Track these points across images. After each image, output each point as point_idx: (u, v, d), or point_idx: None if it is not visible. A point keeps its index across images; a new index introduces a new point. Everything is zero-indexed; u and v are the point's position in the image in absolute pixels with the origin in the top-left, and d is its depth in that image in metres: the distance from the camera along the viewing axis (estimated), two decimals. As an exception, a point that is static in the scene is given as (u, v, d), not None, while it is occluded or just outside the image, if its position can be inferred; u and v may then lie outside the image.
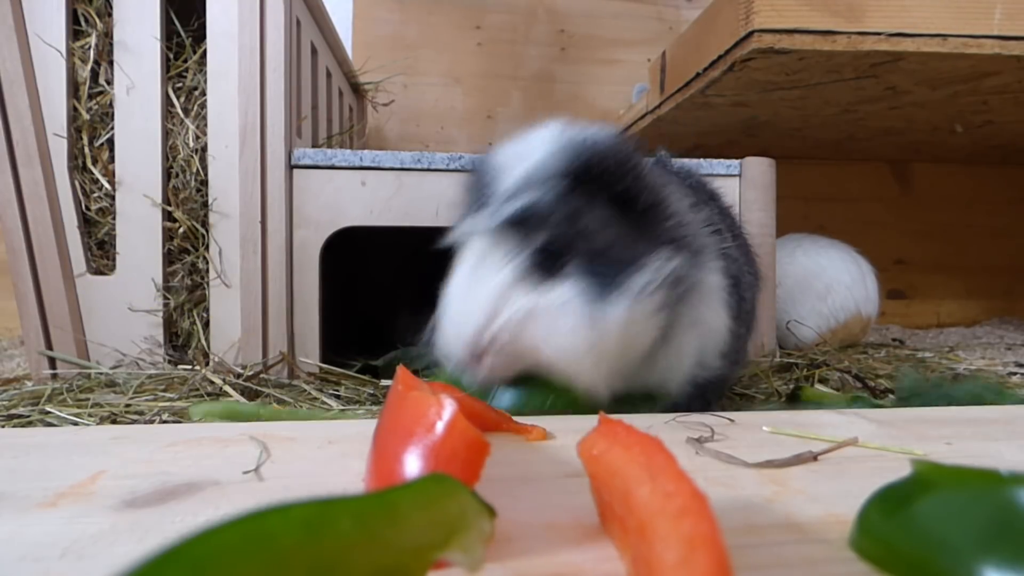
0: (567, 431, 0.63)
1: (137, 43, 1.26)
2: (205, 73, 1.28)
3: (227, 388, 1.07)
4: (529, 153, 0.77)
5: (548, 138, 0.78)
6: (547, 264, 0.73)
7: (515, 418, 0.65)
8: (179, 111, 1.29)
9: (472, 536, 0.32)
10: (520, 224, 0.73)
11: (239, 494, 0.47)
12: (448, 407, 0.41)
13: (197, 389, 1.09)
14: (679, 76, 1.74)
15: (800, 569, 0.35)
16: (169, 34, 1.30)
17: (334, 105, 1.81)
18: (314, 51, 1.54)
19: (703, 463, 0.54)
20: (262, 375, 1.19)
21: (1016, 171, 2.76)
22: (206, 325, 1.28)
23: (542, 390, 0.75)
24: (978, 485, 0.34)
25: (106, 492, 0.47)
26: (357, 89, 2.18)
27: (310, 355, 1.28)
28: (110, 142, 1.28)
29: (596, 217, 0.75)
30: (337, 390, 1.15)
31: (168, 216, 1.28)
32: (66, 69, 1.25)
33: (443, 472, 0.34)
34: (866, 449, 0.58)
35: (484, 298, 0.72)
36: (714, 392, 0.87)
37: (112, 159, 1.27)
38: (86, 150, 1.27)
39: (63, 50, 1.25)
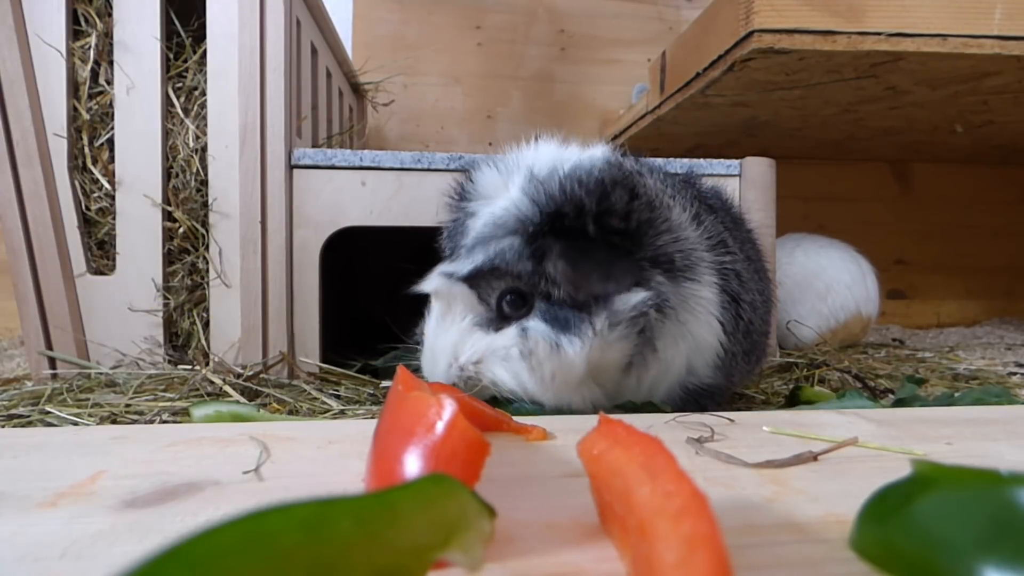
0: (567, 431, 0.63)
1: (137, 43, 1.26)
2: (205, 73, 1.28)
3: (227, 388, 1.07)
4: (511, 187, 0.82)
5: (529, 176, 0.80)
6: (512, 307, 0.79)
7: (515, 418, 0.65)
8: (179, 111, 1.29)
9: (472, 536, 0.32)
10: (475, 277, 0.79)
11: (239, 494, 0.47)
12: (448, 407, 0.41)
13: (197, 389, 1.09)
14: (679, 76, 1.74)
15: (800, 569, 0.35)
16: (169, 34, 1.30)
17: (334, 105, 1.81)
18: (314, 51, 1.54)
19: (703, 463, 0.54)
20: (262, 375, 1.19)
21: (1016, 171, 2.76)
22: (206, 325, 1.28)
23: None
24: (978, 485, 0.34)
25: (106, 492, 0.47)
26: (357, 89, 2.18)
27: (310, 355, 1.28)
28: (110, 142, 1.28)
29: (564, 260, 0.77)
30: (337, 390, 1.15)
31: (168, 216, 1.28)
32: (66, 69, 1.25)
33: (443, 472, 0.34)
34: (866, 449, 0.58)
35: (446, 345, 0.82)
36: (709, 399, 0.87)
37: (112, 159, 1.27)
38: (86, 150, 1.27)
39: (63, 50, 1.25)
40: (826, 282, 1.91)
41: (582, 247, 0.77)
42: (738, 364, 0.90)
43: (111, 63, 1.27)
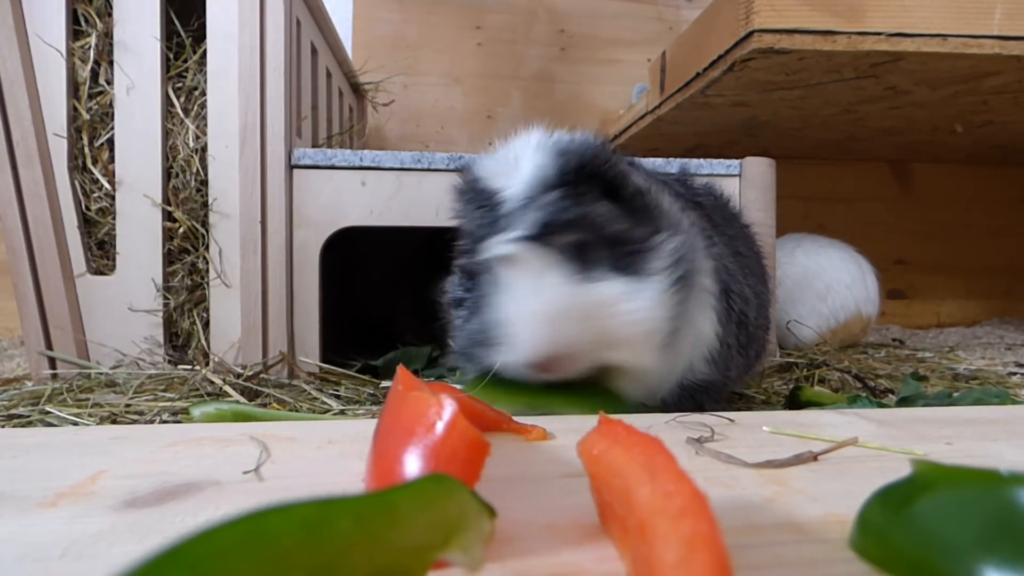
0: (567, 431, 0.63)
1: (137, 43, 1.26)
2: (205, 73, 1.28)
3: (227, 388, 1.07)
4: (525, 163, 0.82)
5: (538, 146, 0.82)
6: (582, 261, 0.77)
7: (515, 418, 0.65)
8: (179, 111, 1.29)
9: (472, 536, 0.32)
10: (544, 233, 0.76)
11: (239, 494, 0.47)
12: (448, 407, 0.41)
13: (197, 389, 1.09)
14: (679, 76, 1.74)
15: (800, 569, 0.35)
16: (169, 34, 1.30)
17: (334, 105, 1.81)
18: (314, 51, 1.54)
19: (703, 463, 0.54)
20: (262, 375, 1.19)
21: (1016, 171, 2.76)
22: (206, 325, 1.28)
23: (590, 396, 0.78)
24: (978, 485, 0.34)
25: (106, 492, 0.47)
26: (357, 89, 2.18)
27: (310, 355, 1.28)
28: (110, 142, 1.28)
29: (600, 211, 0.79)
30: (337, 390, 1.15)
31: (168, 216, 1.28)
32: (66, 69, 1.25)
33: (443, 472, 0.34)
34: (866, 449, 0.58)
35: (539, 307, 0.74)
36: (705, 395, 0.87)
37: (112, 159, 1.27)
38: (86, 150, 1.27)
39: (63, 50, 1.25)
40: (826, 282, 1.91)
41: (611, 194, 0.81)
42: (733, 358, 0.90)
43: (111, 63, 1.27)
